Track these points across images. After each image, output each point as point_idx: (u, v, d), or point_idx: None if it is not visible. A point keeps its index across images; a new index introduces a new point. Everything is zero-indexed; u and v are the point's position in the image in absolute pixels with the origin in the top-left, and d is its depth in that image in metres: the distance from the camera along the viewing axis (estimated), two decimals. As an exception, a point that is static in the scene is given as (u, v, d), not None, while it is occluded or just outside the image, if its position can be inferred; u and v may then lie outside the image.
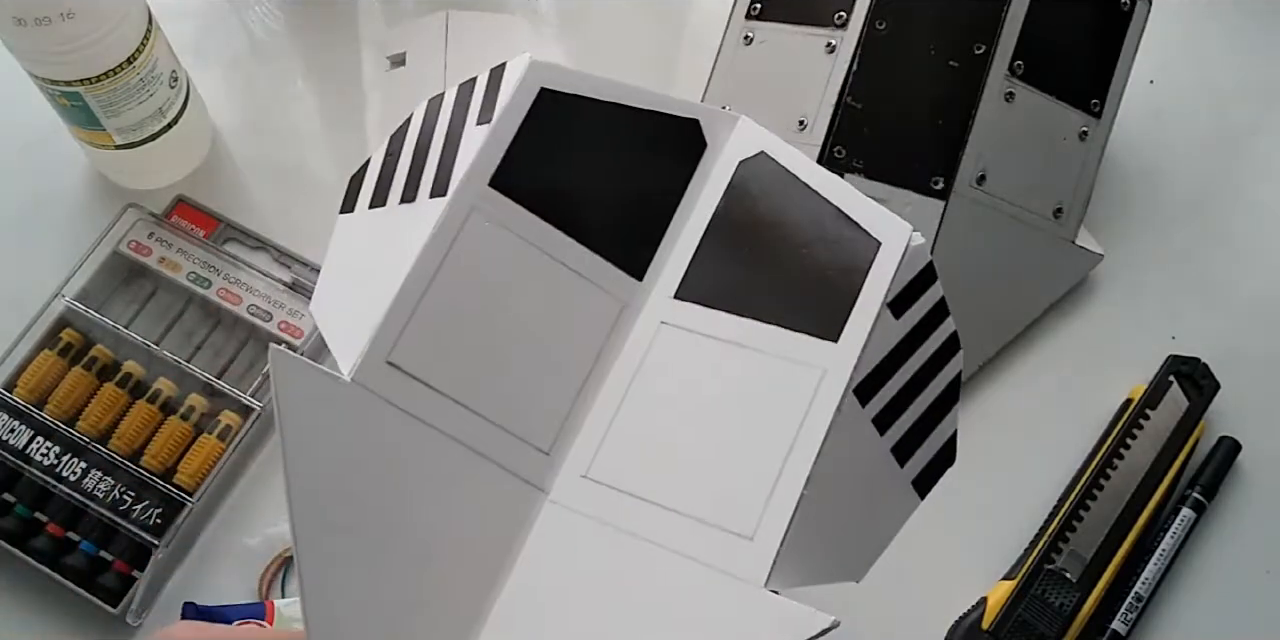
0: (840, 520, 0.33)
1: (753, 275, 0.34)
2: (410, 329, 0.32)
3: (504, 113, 0.35)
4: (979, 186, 0.52)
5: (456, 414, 0.32)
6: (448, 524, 0.31)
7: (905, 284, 0.33)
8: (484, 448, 0.32)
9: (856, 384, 0.32)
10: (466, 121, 0.36)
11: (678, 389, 0.33)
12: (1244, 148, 0.60)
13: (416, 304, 0.32)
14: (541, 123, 0.35)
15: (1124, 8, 0.54)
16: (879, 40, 0.52)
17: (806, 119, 0.52)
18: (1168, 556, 0.51)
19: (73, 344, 0.52)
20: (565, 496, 0.33)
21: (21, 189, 0.57)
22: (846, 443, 0.32)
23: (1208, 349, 0.54)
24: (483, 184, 0.34)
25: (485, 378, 0.33)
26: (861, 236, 0.33)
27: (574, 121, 0.35)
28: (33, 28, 0.45)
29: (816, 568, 0.32)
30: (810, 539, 0.31)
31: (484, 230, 0.33)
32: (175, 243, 0.53)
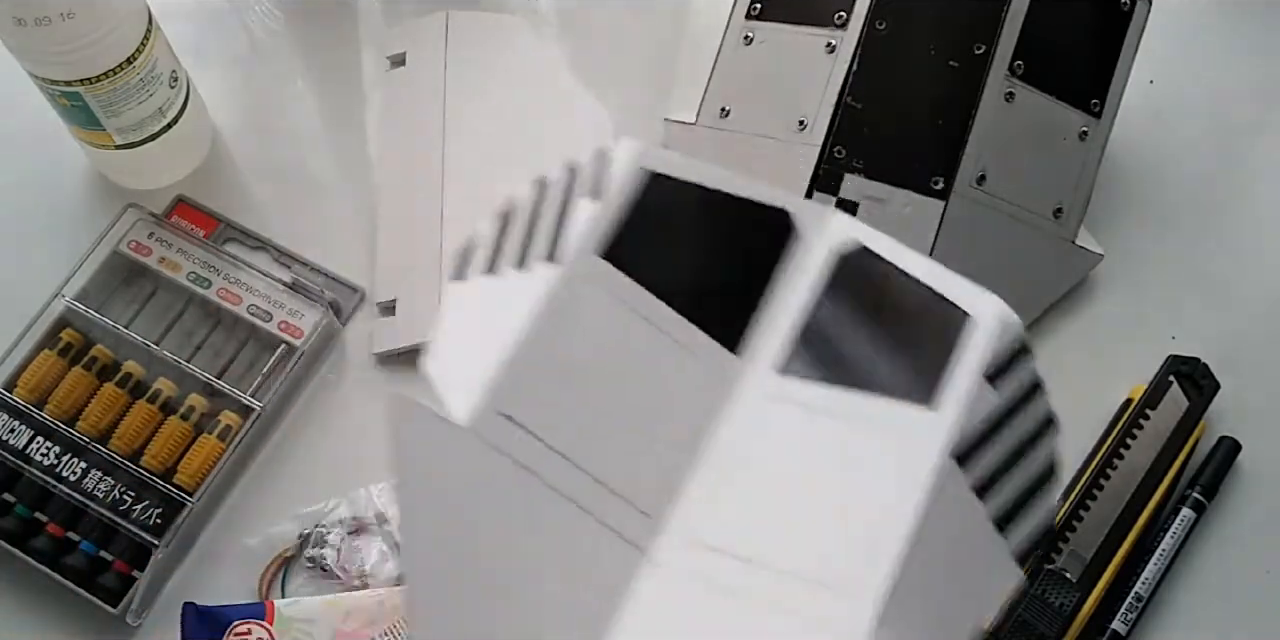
0: (941, 585, 0.33)
1: (852, 348, 0.36)
2: (524, 384, 0.35)
3: (610, 189, 0.37)
4: (979, 186, 0.52)
5: (564, 469, 0.34)
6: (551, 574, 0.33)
7: (1000, 357, 0.35)
8: (589, 504, 0.34)
9: (956, 452, 0.33)
10: (576, 196, 0.38)
11: (780, 455, 0.35)
12: (1244, 148, 0.60)
13: (530, 361, 0.35)
14: (647, 202, 0.37)
15: (1124, 8, 0.54)
16: (879, 40, 0.52)
17: (806, 119, 0.53)
18: (1168, 556, 0.51)
19: (73, 344, 0.52)
20: (669, 557, 0.34)
21: (21, 189, 0.57)
22: (947, 510, 0.33)
23: (1208, 349, 0.54)
24: (594, 255, 0.36)
25: (592, 437, 0.34)
26: (956, 311, 0.35)
27: (675, 202, 0.37)
28: (32, 28, 0.45)
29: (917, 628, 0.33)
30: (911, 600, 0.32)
31: (596, 298, 0.36)
32: (175, 243, 0.53)
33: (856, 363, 0.35)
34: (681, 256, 0.38)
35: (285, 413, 0.53)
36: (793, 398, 0.35)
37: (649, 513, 0.34)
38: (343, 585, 0.49)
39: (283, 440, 0.53)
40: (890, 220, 0.52)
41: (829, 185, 0.52)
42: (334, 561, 0.49)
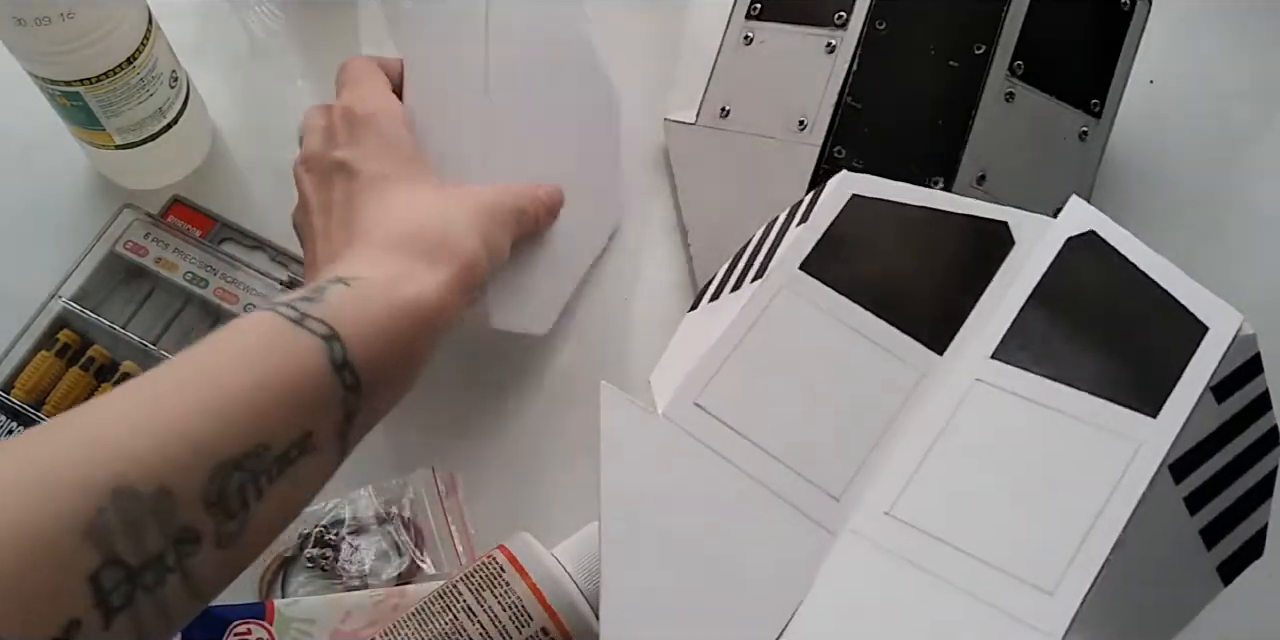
0: (1140, 592, 0.33)
1: (1073, 345, 0.35)
2: (718, 377, 0.36)
3: (817, 212, 0.40)
4: (979, 186, 0.52)
5: (755, 455, 0.35)
6: (744, 554, 0.34)
7: (1231, 371, 0.34)
8: (779, 488, 0.35)
9: (1172, 461, 0.33)
10: (790, 225, 0.41)
11: (987, 443, 0.35)
12: (1244, 148, 0.60)
13: (725, 358, 0.37)
14: (852, 220, 0.39)
15: (1124, 8, 0.54)
16: (879, 40, 0.52)
17: (806, 119, 0.52)
18: (1168, 557, 0.51)
19: (70, 345, 0.52)
20: (866, 529, 0.34)
21: (21, 189, 0.57)
22: (1156, 517, 0.33)
23: (1208, 349, 0.54)
24: (794, 268, 0.38)
25: (784, 426, 0.36)
26: (1189, 319, 0.35)
27: (882, 220, 0.39)
28: (32, 28, 0.45)
29: (1112, 634, 0.33)
30: (1110, 604, 0.32)
31: (792, 304, 0.38)
32: (172, 243, 0.53)
33: (1076, 358, 0.35)
34: (889, 268, 0.39)
35: (284, 413, 0.53)
36: (1004, 385, 0.35)
37: (838, 497, 0.35)
38: (343, 585, 0.49)
39: (282, 440, 0.53)
40: (890, 220, 0.52)
41: (829, 185, 0.52)
42: (334, 561, 0.49)
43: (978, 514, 0.33)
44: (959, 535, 0.33)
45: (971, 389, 0.35)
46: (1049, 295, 0.36)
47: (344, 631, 0.47)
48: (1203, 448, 0.33)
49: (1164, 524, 0.33)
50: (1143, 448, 0.33)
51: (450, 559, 0.49)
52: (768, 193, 0.54)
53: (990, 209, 0.39)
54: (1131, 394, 0.34)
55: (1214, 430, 0.34)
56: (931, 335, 0.37)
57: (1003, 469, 0.34)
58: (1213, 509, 0.34)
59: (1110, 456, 0.33)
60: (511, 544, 0.45)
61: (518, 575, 0.44)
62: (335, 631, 0.47)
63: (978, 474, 0.34)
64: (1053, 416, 0.34)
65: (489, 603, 0.43)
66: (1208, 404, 0.34)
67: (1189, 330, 0.34)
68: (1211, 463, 0.34)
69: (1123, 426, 0.33)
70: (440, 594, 0.45)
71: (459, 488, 0.52)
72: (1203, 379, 0.33)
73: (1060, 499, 0.33)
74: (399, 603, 0.47)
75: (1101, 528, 0.32)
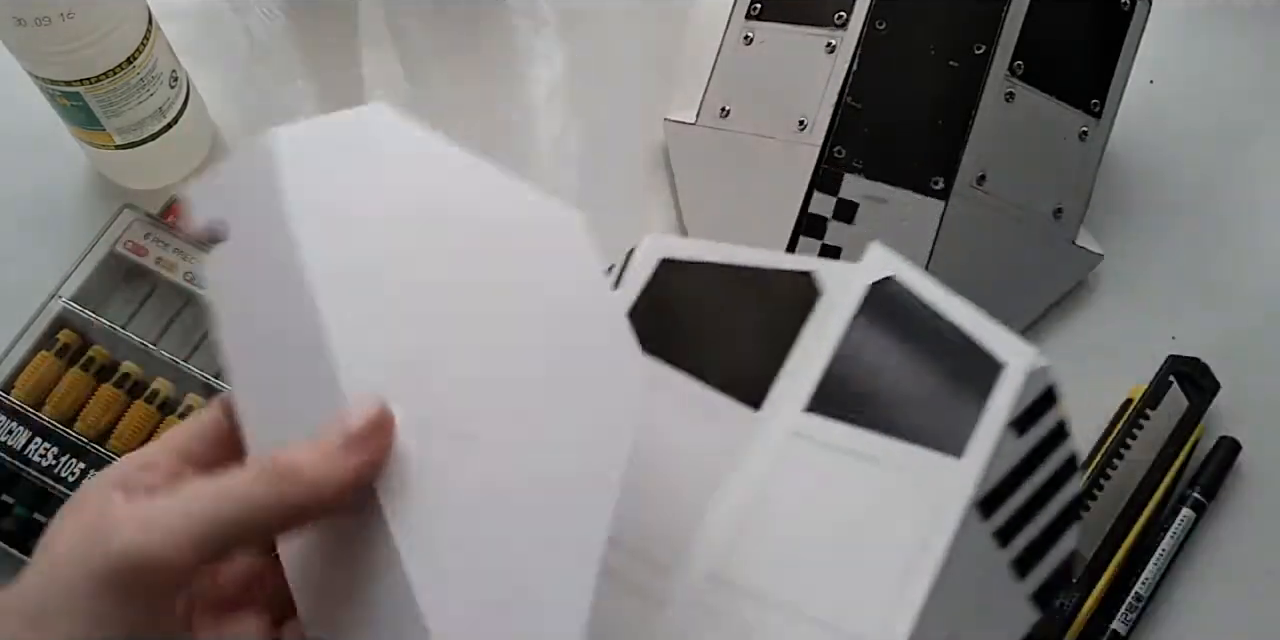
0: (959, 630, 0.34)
1: (880, 392, 0.36)
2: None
3: (628, 278, 0.39)
4: (979, 186, 0.52)
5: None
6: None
7: (1028, 405, 0.35)
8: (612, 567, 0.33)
9: (979, 499, 0.34)
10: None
11: (807, 497, 0.35)
12: (1244, 148, 0.60)
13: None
14: (662, 283, 0.39)
15: (1124, 8, 0.54)
16: (879, 40, 0.52)
17: (806, 119, 0.52)
18: (1168, 556, 0.51)
19: (70, 345, 0.52)
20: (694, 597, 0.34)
21: (21, 189, 0.57)
22: (968, 556, 0.33)
23: (1208, 349, 0.54)
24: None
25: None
26: (987, 359, 0.35)
27: (693, 282, 0.38)
28: (32, 28, 0.45)
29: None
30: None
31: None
32: (172, 242, 0.53)
33: (884, 405, 0.36)
34: (699, 328, 0.39)
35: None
36: (819, 437, 0.35)
37: (666, 564, 0.34)
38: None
39: (282, 440, 0.53)
40: (890, 220, 0.52)
41: (829, 185, 0.52)
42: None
43: (800, 569, 0.34)
44: (782, 592, 0.34)
45: (789, 444, 0.36)
46: (855, 344, 0.37)
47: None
48: (1007, 482, 0.34)
49: (977, 561, 0.34)
50: (950, 489, 0.34)
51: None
52: (768, 193, 0.54)
53: (797, 261, 0.39)
54: (936, 437, 0.34)
55: (1016, 464, 0.35)
56: (748, 393, 0.37)
57: (823, 522, 0.35)
58: (1022, 540, 0.35)
59: (922, 501, 0.34)
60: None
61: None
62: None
63: (799, 529, 0.35)
64: (866, 465, 0.35)
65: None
66: (1009, 439, 0.34)
67: (986, 368, 0.35)
68: (1016, 496, 0.35)
69: (931, 470, 0.34)
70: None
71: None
72: (1002, 416, 0.34)
73: (877, 547, 0.34)
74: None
75: (917, 573, 0.33)
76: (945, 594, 0.33)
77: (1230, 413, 0.54)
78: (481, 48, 0.61)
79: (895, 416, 0.35)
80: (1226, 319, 0.57)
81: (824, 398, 0.36)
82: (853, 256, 0.52)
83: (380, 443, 0.31)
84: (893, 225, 0.52)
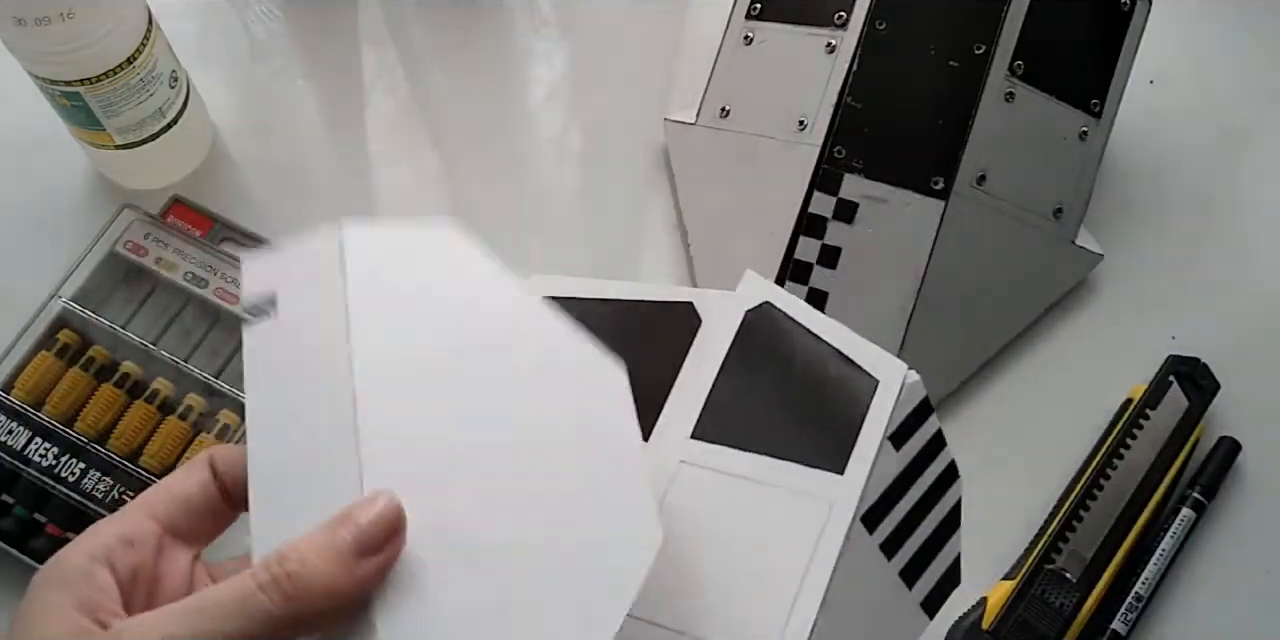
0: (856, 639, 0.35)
1: (762, 415, 0.37)
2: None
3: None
4: (979, 186, 0.52)
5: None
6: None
7: (903, 418, 0.36)
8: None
9: (863, 513, 0.35)
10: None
11: (699, 524, 0.35)
12: (1244, 148, 0.60)
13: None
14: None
15: (1124, 8, 0.54)
16: (879, 40, 0.52)
17: (806, 119, 0.52)
18: (1168, 556, 0.51)
19: (70, 345, 0.52)
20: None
21: (21, 189, 0.57)
22: (857, 568, 0.34)
23: (1208, 349, 0.54)
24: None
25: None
26: (861, 376, 0.36)
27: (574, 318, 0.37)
28: (32, 28, 0.45)
29: None
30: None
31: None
32: (171, 243, 0.53)
33: (767, 427, 0.36)
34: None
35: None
36: (706, 462, 0.36)
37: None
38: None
39: (282, 440, 0.53)
40: (890, 220, 0.52)
41: (829, 185, 0.52)
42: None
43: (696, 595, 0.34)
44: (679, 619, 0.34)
45: (678, 471, 0.36)
46: (736, 369, 0.37)
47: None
48: (889, 495, 0.35)
49: (865, 574, 0.35)
50: (835, 506, 0.34)
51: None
52: (768, 193, 0.54)
53: (674, 292, 0.39)
54: (819, 455, 0.35)
55: (897, 476, 0.36)
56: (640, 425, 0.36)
57: (714, 547, 0.35)
58: (907, 550, 0.36)
59: (808, 519, 0.34)
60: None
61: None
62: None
63: (694, 555, 0.35)
64: (753, 488, 0.35)
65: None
66: (888, 453, 0.35)
67: (862, 385, 0.36)
68: (899, 507, 0.36)
69: (815, 488, 0.35)
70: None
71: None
72: (879, 430, 0.35)
73: (769, 569, 0.34)
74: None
75: (808, 591, 0.33)
76: (838, 608, 0.33)
77: (1230, 413, 0.54)
78: (481, 48, 0.61)
79: (777, 438, 0.36)
80: (1227, 319, 0.57)
81: (707, 424, 0.37)
82: (853, 257, 0.52)
83: (393, 546, 0.30)
84: (892, 225, 0.52)
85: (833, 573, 0.33)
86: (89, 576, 0.30)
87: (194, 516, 0.33)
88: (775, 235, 0.53)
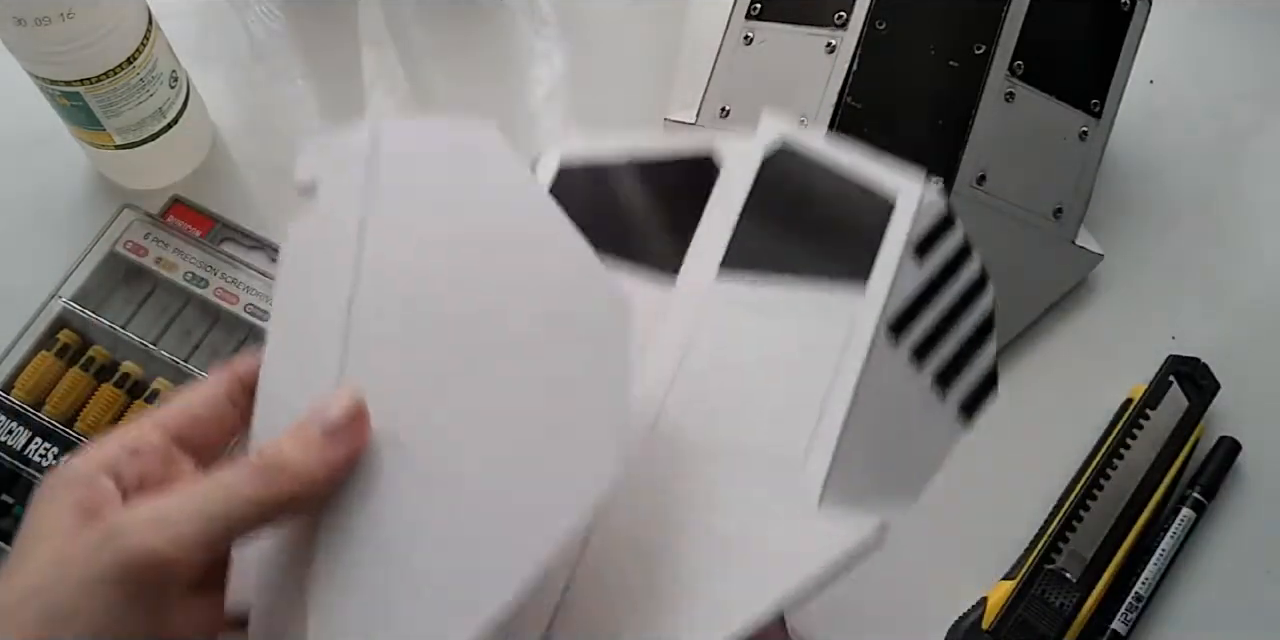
0: (887, 447, 0.36)
1: (785, 244, 0.38)
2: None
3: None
4: (979, 186, 0.52)
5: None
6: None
7: (925, 230, 0.37)
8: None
9: (889, 323, 0.36)
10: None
11: (728, 351, 0.37)
12: (1244, 148, 0.60)
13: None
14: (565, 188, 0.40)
15: (1124, 8, 0.54)
16: (879, 40, 0.52)
17: (806, 119, 0.53)
18: (1168, 556, 0.51)
19: (70, 345, 0.52)
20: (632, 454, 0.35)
21: (21, 189, 0.57)
22: (885, 379, 0.35)
23: (1208, 349, 0.54)
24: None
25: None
26: (880, 193, 0.37)
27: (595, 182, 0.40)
28: (32, 27, 0.45)
29: (868, 490, 0.35)
30: (858, 464, 0.34)
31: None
32: (171, 243, 0.53)
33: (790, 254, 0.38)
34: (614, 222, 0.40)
35: (284, 413, 0.53)
36: (732, 294, 0.37)
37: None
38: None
39: (282, 440, 0.53)
40: (890, 220, 0.52)
41: (829, 185, 0.52)
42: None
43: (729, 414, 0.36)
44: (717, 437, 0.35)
45: (705, 303, 0.38)
46: (757, 205, 0.39)
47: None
48: (915, 304, 0.37)
49: (894, 380, 0.36)
50: (858, 317, 0.36)
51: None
52: (768, 193, 0.54)
53: (695, 141, 0.41)
54: (840, 270, 0.36)
55: (923, 286, 0.37)
56: (664, 261, 0.39)
57: (744, 370, 0.36)
58: (939, 356, 0.37)
59: (834, 333, 0.36)
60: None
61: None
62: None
63: (724, 381, 0.36)
64: (782, 309, 0.37)
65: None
66: (910, 264, 0.36)
67: (880, 205, 0.37)
68: (927, 314, 0.37)
69: (838, 303, 0.36)
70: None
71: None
72: (899, 241, 0.36)
73: (798, 382, 0.35)
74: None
75: (834, 400, 0.35)
76: (865, 418, 0.34)
77: (1230, 412, 0.54)
78: (481, 48, 0.61)
79: (800, 260, 0.37)
80: (1227, 319, 0.57)
81: (734, 257, 0.38)
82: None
83: (358, 435, 0.33)
84: (893, 225, 0.52)
85: (859, 377, 0.34)
86: (91, 481, 0.31)
87: (200, 426, 0.34)
88: (775, 235, 0.53)
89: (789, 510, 0.33)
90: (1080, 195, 0.55)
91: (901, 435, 0.36)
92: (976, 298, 0.38)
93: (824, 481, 0.33)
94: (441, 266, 0.35)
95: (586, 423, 0.32)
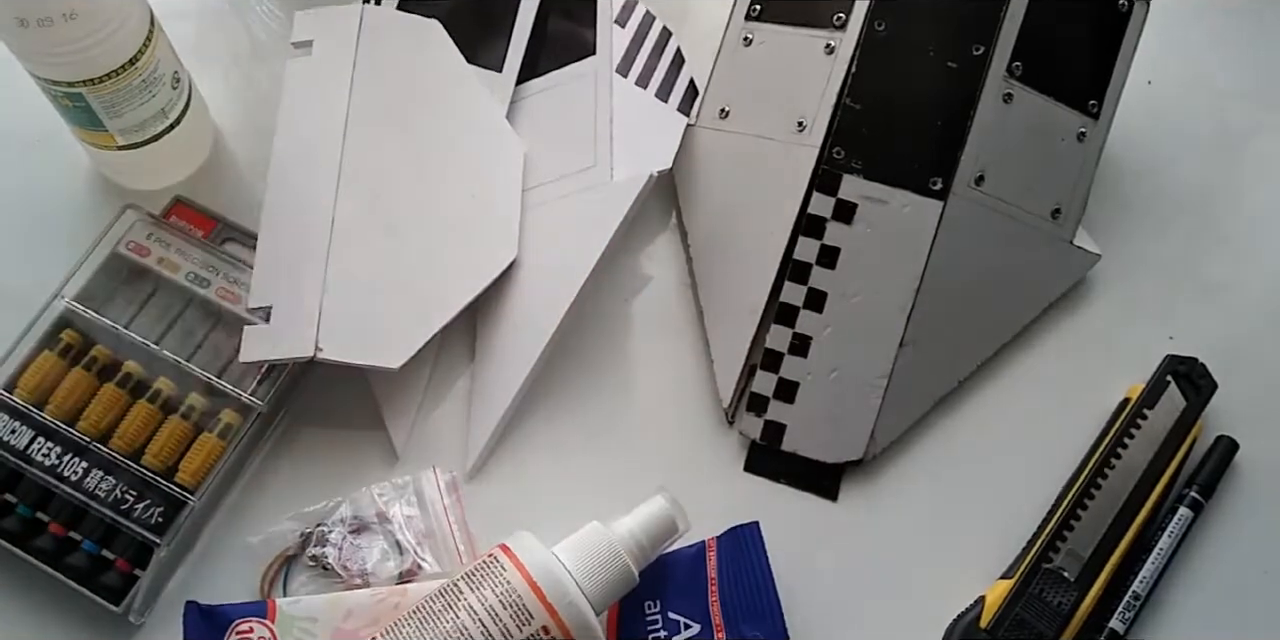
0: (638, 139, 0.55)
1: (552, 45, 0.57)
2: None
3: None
4: (977, 187, 0.52)
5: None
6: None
7: (621, 7, 0.58)
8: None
9: (618, 67, 0.57)
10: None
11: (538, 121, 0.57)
12: (1243, 148, 0.60)
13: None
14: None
15: (1122, 8, 0.54)
16: (878, 41, 0.52)
17: (805, 120, 0.53)
18: (1165, 555, 0.51)
19: (73, 344, 0.52)
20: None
21: (22, 189, 0.57)
22: (628, 100, 0.56)
23: (1205, 349, 0.54)
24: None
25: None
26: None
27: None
28: (35, 29, 0.45)
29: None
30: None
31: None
32: (174, 243, 0.54)
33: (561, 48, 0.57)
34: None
35: (285, 411, 0.53)
36: (535, 88, 0.57)
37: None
38: (344, 584, 0.49)
39: (283, 439, 0.53)
40: (889, 220, 0.52)
41: (828, 186, 0.52)
42: (335, 560, 0.49)
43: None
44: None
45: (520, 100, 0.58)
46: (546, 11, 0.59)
47: (345, 630, 0.47)
48: (630, 51, 0.58)
49: (637, 96, 0.57)
50: (599, 70, 0.57)
51: (451, 558, 0.50)
52: (767, 193, 0.54)
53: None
54: (579, 50, 0.58)
55: (632, 39, 0.58)
56: (489, 59, 0.58)
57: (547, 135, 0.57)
58: (655, 79, 0.57)
59: (586, 91, 0.57)
60: (512, 542, 0.46)
61: (518, 573, 0.44)
62: (337, 630, 0.47)
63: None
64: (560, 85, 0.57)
65: (489, 601, 0.44)
66: (615, 32, 0.59)
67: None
68: (641, 57, 0.58)
69: (588, 71, 0.58)
70: (441, 592, 0.45)
71: (459, 487, 0.52)
72: (609, 19, 0.58)
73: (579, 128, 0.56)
74: (400, 601, 0.47)
75: (601, 112, 0.56)
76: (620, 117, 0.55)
77: (1228, 412, 0.54)
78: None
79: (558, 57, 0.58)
80: (1224, 319, 0.57)
81: (529, 61, 0.57)
82: (852, 257, 0.52)
83: None
84: (891, 226, 0.52)
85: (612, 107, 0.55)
86: None
87: None
88: (774, 235, 0.53)
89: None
90: (1078, 196, 0.55)
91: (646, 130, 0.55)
92: (667, 39, 0.57)
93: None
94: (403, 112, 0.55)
95: (496, 223, 0.54)
